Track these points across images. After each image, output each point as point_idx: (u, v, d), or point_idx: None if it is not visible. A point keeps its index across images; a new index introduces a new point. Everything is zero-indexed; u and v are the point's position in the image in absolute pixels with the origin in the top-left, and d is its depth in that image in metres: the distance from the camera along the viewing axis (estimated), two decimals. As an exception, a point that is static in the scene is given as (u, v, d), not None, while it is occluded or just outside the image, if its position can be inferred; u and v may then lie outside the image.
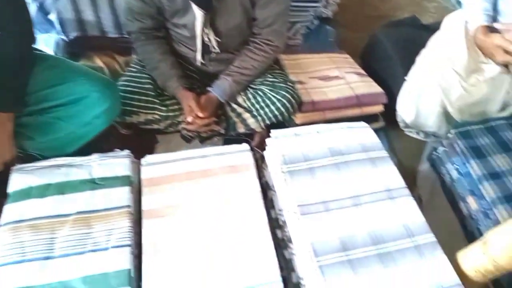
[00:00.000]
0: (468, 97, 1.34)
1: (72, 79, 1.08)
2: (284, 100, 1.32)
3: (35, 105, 1.07)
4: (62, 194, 1.02)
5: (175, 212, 1.01)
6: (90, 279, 0.87)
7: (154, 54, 1.32)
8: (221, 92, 1.32)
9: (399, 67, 1.57)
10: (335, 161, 1.09)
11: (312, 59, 1.66)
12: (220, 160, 1.14)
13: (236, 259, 0.94)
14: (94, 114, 1.10)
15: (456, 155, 1.27)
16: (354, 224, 0.94)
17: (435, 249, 0.91)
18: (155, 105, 1.31)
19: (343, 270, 0.85)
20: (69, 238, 0.94)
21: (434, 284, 0.86)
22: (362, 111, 1.49)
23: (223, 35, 1.27)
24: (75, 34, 1.53)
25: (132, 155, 1.14)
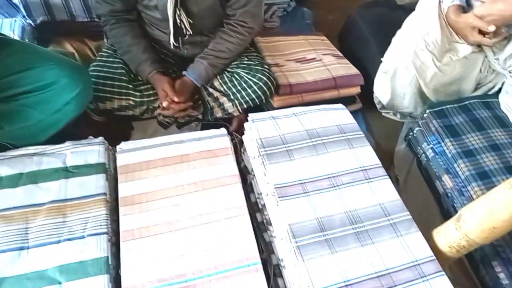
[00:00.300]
0: (442, 76, 1.36)
1: (39, 65, 1.04)
2: (261, 83, 1.31)
3: (1, 92, 1.03)
4: (35, 183, 1.00)
5: (153, 199, 1.00)
6: (66, 268, 0.86)
7: (125, 38, 1.28)
8: (196, 76, 1.30)
9: (375, 48, 1.57)
10: (313, 143, 1.09)
11: (289, 41, 1.64)
12: (198, 145, 1.13)
13: (216, 244, 0.94)
14: (64, 101, 1.07)
15: (431, 134, 1.30)
16: (332, 205, 0.95)
17: (410, 227, 0.93)
18: (128, 90, 1.28)
19: (321, 250, 0.86)
20: (44, 227, 0.93)
21: (409, 259, 0.88)
22: (339, 93, 1.50)
23: (196, 17, 1.24)
24: (42, 18, 1.47)
25: (107, 142, 1.12)
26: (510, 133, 1.25)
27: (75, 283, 0.84)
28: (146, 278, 0.86)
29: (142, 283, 0.86)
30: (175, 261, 0.90)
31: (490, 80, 1.44)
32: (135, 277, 0.86)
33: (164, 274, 0.87)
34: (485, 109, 1.32)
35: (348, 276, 0.83)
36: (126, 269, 0.88)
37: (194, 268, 0.89)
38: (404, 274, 0.85)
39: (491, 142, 1.22)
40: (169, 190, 1.02)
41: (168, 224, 0.96)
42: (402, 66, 1.34)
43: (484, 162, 1.17)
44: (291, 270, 0.90)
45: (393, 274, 0.84)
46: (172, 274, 0.87)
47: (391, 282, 0.83)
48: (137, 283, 0.86)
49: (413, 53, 1.33)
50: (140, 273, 0.87)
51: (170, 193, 1.02)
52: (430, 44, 1.34)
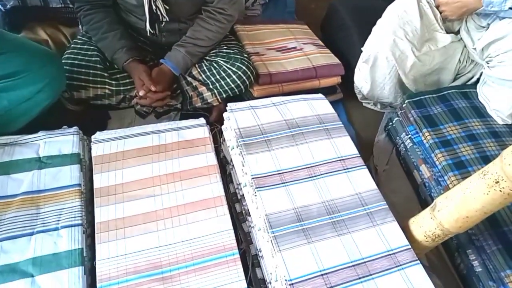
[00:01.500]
0: (421, 66, 1.36)
1: (8, 51, 1.00)
2: (240, 72, 1.29)
3: None
4: (6, 174, 0.97)
5: (128, 190, 0.98)
6: (39, 261, 0.84)
7: (100, 24, 1.24)
8: (174, 64, 1.27)
9: (356, 37, 1.57)
10: (292, 133, 1.09)
11: (269, 30, 1.62)
12: (176, 135, 1.11)
13: (193, 234, 0.93)
14: (35, 89, 1.03)
15: (409, 124, 1.31)
16: (309, 195, 0.95)
17: (386, 216, 0.94)
18: (104, 79, 1.25)
19: (298, 240, 0.87)
20: (16, 219, 0.90)
21: (384, 248, 0.89)
22: (320, 83, 1.49)
23: (173, 3, 1.21)
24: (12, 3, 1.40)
25: (81, 132, 1.09)
26: (486, 123, 1.27)
27: (48, 275, 0.83)
28: (122, 269, 0.85)
29: (117, 274, 0.85)
30: (151, 252, 0.89)
31: (469, 71, 1.45)
32: (110, 268, 0.85)
33: (140, 265, 0.87)
34: (463, 99, 1.33)
35: (324, 265, 0.83)
36: (101, 261, 0.86)
37: (170, 259, 0.89)
38: (380, 263, 0.86)
39: (468, 132, 1.23)
40: (146, 181, 1.01)
41: (144, 215, 0.95)
42: (381, 56, 1.34)
43: (461, 152, 1.18)
44: (268, 260, 0.90)
45: (368, 263, 0.85)
46: (148, 266, 0.87)
47: (367, 271, 0.84)
48: (113, 275, 0.85)
49: (392, 42, 1.33)
50: (115, 264, 0.86)
51: (147, 183, 1.01)
52: (410, 33, 1.34)
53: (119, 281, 0.84)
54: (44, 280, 0.82)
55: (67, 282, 0.82)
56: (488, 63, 1.30)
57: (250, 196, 0.99)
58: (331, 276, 0.82)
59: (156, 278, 0.85)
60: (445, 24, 1.42)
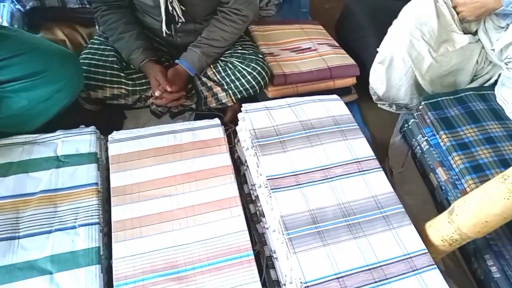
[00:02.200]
0: (438, 67, 1.35)
1: (28, 51, 1.01)
2: (255, 73, 1.29)
3: None
4: (25, 173, 0.98)
5: (145, 189, 0.99)
6: (57, 258, 0.86)
7: (117, 25, 1.25)
8: (189, 65, 1.28)
9: (371, 38, 1.55)
10: (307, 134, 1.08)
11: (284, 30, 1.62)
12: (191, 136, 1.11)
13: (208, 235, 0.93)
14: (54, 89, 1.05)
15: (426, 126, 1.29)
16: (325, 197, 0.95)
17: (403, 220, 0.93)
18: (120, 79, 1.26)
19: (313, 242, 0.86)
20: (34, 217, 0.92)
21: (401, 252, 0.88)
22: (334, 84, 1.48)
23: (188, 4, 1.21)
24: (31, 4, 1.43)
25: (98, 132, 1.10)
26: (505, 125, 1.25)
27: (66, 273, 0.83)
28: (138, 268, 0.86)
29: (134, 273, 0.85)
30: (167, 252, 0.89)
31: (487, 72, 1.43)
32: (127, 267, 0.86)
33: (156, 264, 0.87)
34: (481, 101, 1.31)
35: (340, 269, 0.83)
36: (118, 260, 0.87)
37: (186, 259, 0.89)
38: (396, 267, 0.85)
39: (486, 135, 1.21)
40: (161, 181, 1.02)
41: (159, 215, 0.95)
42: (398, 57, 1.33)
43: (478, 155, 1.17)
44: (283, 262, 0.90)
45: (385, 267, 0.84)
46: (164, 265, 0.87)
47: (383, 275, 0.83)
48: (129, 274, 0.85)
49: (409, 43, 1.32)
50: (132, 263, 0.87)
51: (163, 183, 1.01)
52: (427, 34, 1.33)
53: (136, 280, 0.84)
54: (62, 277, 0.83)
55: (84, 280, 0.83)
56: (507, 64, 1.28)
57: (265, 197, 0.99)
58: (346, 279, 0.82)
59: (172, 277, 0.86)
60: (462, 24, 1.40)
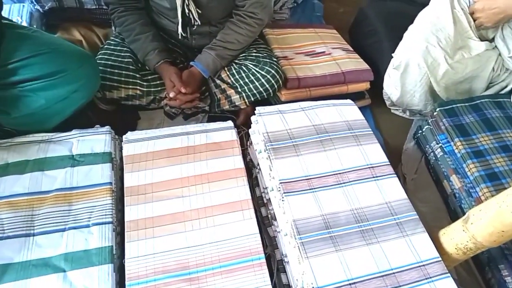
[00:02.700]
0: (454, 74, 1.34)
1: (47, 52, 1.03)
2: (269, 76, 1.29)
3: (7, 78, 1.02)
4: (41, 171, 1.00)
5: (158, 190, 1.00)
6: (71, 256, 0.86)
7: (133, 26, 1.27)
8: (204, 67, 1.29)
9: (386, 43, 1.55)
10: (320, 139, 1.08)
11: (298, 34, 1.62)
12: (204, 137, 1.12)
13: (220, 237, 0.93)
14: (72, 89, 1.06)
15: (440, 133, 1.28)
16: (338, 202, 0.94)
17: (416, 227, 0.92)
18: (136, 80, 1.27)
19: (326, 248, 0.86)
20: (49, 215, 0.93)
21: (414, 260, 0.87)
22: (348, 88, 1.47)
23: (204, 7, 1.22)
24: (50, 4, 1.46)
25: (113, 132, 1.11)
26: (521, 134, 1.23)
27: (79, 271, 0.84)
28: (150, 269, 0.87)
29: (146, 273, 0.86)
30: (179, 253, 0.90)
31: (503, 79, 1.42)
32: (139, 267, 0.87)
33: (168, 265, 0.87)
34: (497, 108, 1.30)
35: (352, 275, 0.82)
36: (130, 259, 0.88)
37: (198, 260, 0.89)
38: (409, 274, 0.84)
39: (502, 143, 1.20)
40: (174, 182, 1.02)
41: (172, 216, 0.96)
42: (413, 63, 1.32)
43: (494, 163, 1.15)
44: (295, 266, 0.90)
45: (398, 274, 0.84)
46: (176, 266, 0.88)
47: (396, 282, 0.83)
48: (141, 274, 0.86)
49: (424, 49, 1.31)
50: (144, 263, 0.87)
51: (175, 184, 1.02)
52: (443, 41, 1.32)
53: (148, 280, 0.85)
54: (75, 275, 0.84)
55: (97, 279, 0.83)
56: (525, 72, 1.26)
57: (277, 201, 0.99)
58: (359, 285, 0.81)
59: (184, 278, 0.86)
60: (479, 31, 1.39)
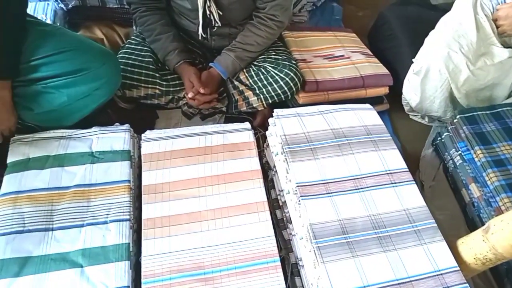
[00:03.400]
0: (475, 81, 1.32)
1: (70, 49, 1.05)
2: (287, 79, 1.29)
3: (31, 74, 1.04)
4: (61, 166, 1.01)
5: (175, 189, 1.00)
6: (89, 252, 0.87)
7: (154, 26, 1.28)
8: (223, 68, 1.29)
9: (406, 48, 1.54)
10: (338, 143, 1.07)
11: (317, 37, 1.61)
12: (221, 138, 1.12)
13: (235, 238, 0.93)
14: (94, 87, 1.07)
15: (460, 140, 1.26)
16: (355, 208, 0.94)
17: (435, 235, 0.91)
18: (155, 79, 1.28)
19: (342, 253, 0.85)
20: (68, 211, 0.94)
21: (432, 268, 0.86)
22: (366, 93, 1.46)
23: (225, 8, 1.23)
24: (74, 3, 1.49)
25: (132, 130, 1.12)
26: (544, 144, 1.20)
27: (96, 267, 0.85)
28: (166, 267, 0.87)
29: (161, 272, 0.86)
30: (195, 252, 0.90)
31: (526, 88, 1.39)
32: (155, 265, 0.87)
33: (184, 264, 0.88)
34: (519, 117, 1.27)
35: (368, 281, 0.81)
36: (147, 257, 0.88)
37: (213, 260, 0.89)
38: (426, 283, 0.83)
39: (524, 153, 1.17)
40: (191, 181, 1.03)
41: (188, 215, 0.96)
42: (434, 68, 1.31)
43: (515, 172, 1.13)
44: (310, 271, 0.89)
45: (415, 283, 0.83)
46: (191, 265, 0.88)
47: (413, 291, 0.82)
48: (157, 272, 0.86)
49: (446, 55, 1.29)
50: (160, 262, 0.88)
51: (192, 184, 1.02)
52: (465, 47, 1.30)
53: (163, 278, 0.85)
54: (92, 271, 0.85)
55: (113, 275, 0.84)
56: (548, 80, 1.24)
57: (293, 204, 0.99)
58: (375, 292, 0.80)
59: (199, 278, 0.86)
60: (502, 38, 1.36)
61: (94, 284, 0.83)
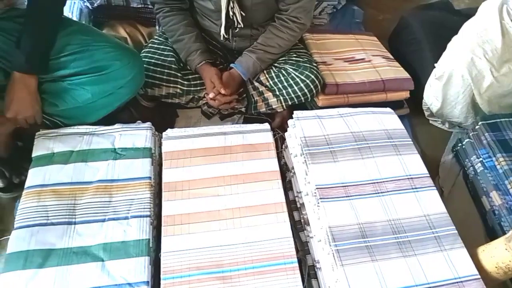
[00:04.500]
0: (499, 87, 1.30)
1: (97, 47, 1.07)
2: (308, 81, 1.29)
3: (58, 71, 1.07)
4: (84, 162, 1.03)
5: (195, 187, 1.02)
6: (110, 247, 0.89)
7: (178, 26, 1.29)
8: (244, 70, 1.30)
9: (428, 53, 1.52)
10: (358, 146, 1.07)
11: (338, 39, 1.61)
12: (241, 138, 1.13)
13: (253, 238, 0.94)
14: (118, 85, 1.10)
15: (482, 147, 1.24)
16: (375, 212, 0.93)
17: (455, 242, 0.90)
18: (177, 78, 1.30)
19: (361, 257, 0.85)
20: (90, 205, 0.96)
21: (452, 275, 0.85)
22: (387, 96, 1.45)
23: (248, 10, 1.24)
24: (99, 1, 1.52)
25: (153, 128, 1.14)
26: None
27: (117, 262, 0.87)
28: (185, 264, 0.88)
29: (180, 268, 0.88)
30: (213, 250, 0.91)
31: (551, 95, 1.36)
32: (174, 262, 0.88)
33: (202, 262, 0.89)
34: (543, 125, 1.25)
35: (387, 286, 0.81)
36: (166, 254, 0.90)
37: (231, 259, 0.90)
38: (446, 290, 0.82)
39: (548, 161, 1.15)
40: (211, 180, 1.04)
41: (207, 214, 0.97)
42: (457, 74, 1.29)
43: (538, 181, 1.11)
44: (328, 273, 0.89)
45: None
46: (210, 263, 0.89)
47: (432, 297, 0.81)
48: (176, 268, 0.88)
49: (469, 61, 1.28)
50: (179, 258, 0.89)
51: (212, 183, 1.03)
52: (489, 53, 1.28)
53: (182, 275, 0.87)
54: (113, 265, 0.86)
55: (134, 270, 0.86)
56: None
57: (312, 206, 0.99)
58: (394, 297, 0.80)
59: (217, 276, 0.87)
60: (527, 44, 1.34)
61: (115, 278, 0.84)
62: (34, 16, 1.01)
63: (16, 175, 1.17)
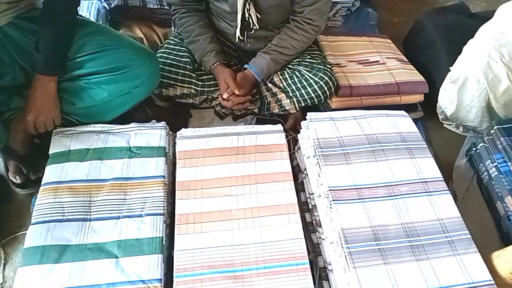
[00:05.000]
0: (515, 91, 1.28)
1: (114, 47, 1.09)
2: (322, 83, 1.29)
3: (75, 70, 1.09)
4: (100, 159, 1.05)
5: (208, 186, 1.02)
6: (124, 244, 0.90)
7: (193, 27, 1.31)
8: (258, 70, 1.31)
9: (443, 56, 1.51)
10: (372, 149, 1.07)
11: (352, 42, 1.61)
12: (254, 139, 1.14)
13: (265, 238, 0.94)
14: (134, 84, 1.11)
15: (497, 152, 1.23)
16: (388, 215, 0.93)
17: (469, 247, 0.90)
18: (191, 79, 1.31)
19: (374, 259, 0.85)
20: (105, 202, 0.98)
21: (465, 280, 0.84)
22: (401, 99, 1.44)
23: (264, 12, 1.24)
24: (116, 2, 1.54)
25: (168, 127, 1.15)
26: None
27: (131, 259, 0.88)
28: (197, 263, 0.89)
29: (193, 267, 0.88)
30: (225, 250, 0.92)
31: None
32: (187, 260, 0.89)
33: (215, 261, 0.90)
34: (560, 131, 1.23)
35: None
36: (179, 252, 0.91)
37: (243, 259, 0.91)
38: (459, 295, 0.82)
39: None
40: (224, 180, 1.04)
41: (220, 213, 0.98)
42: (472, 77, 1.28)
43: (555, 187, 1.09)
44: (340, 275, 0.89)
45: (447, 294, 0.81)
46: (222, 263, 0.89)
47: (445, 302, 0.80)
48: (188, 267, 0.88)
49: (486, 64, 1.26)
50: (192, 257, 0.90)
51: (224, 183, 1.04)
52: (506, 56, 1.27)
53: (194, 273, 0.87)
54: (127, 262, 0.87)
55: (147, 267, 0.87)
56: None
57: (324, 208, 0.99)
58: (406, 301, 0.80)
59: (229, 275, 0.88)
60: (545, 47, 1.32)
61: (128, 275, 0.85)
62: (49, 18, 1.03)
63: (33, 172, 1.20)
